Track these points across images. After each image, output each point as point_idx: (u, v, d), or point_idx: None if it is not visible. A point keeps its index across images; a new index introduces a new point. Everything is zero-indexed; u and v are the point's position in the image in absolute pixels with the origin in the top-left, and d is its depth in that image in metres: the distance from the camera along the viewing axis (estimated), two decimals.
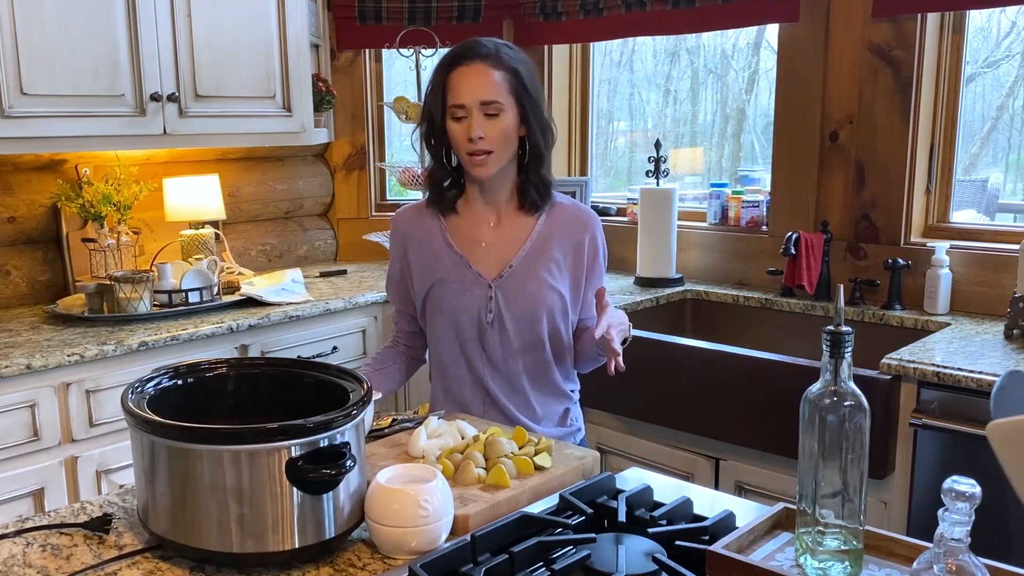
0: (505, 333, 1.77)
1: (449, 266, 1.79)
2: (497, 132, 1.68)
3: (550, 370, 1.82)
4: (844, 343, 1.00)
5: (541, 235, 1.80)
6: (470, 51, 1.69)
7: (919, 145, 2.69)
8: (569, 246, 1.81)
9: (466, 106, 1.67)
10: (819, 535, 1.03)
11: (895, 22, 2.65)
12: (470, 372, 1.80)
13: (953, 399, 2.05)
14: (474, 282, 1.77)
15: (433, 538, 1.15)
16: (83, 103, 2.50)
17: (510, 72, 1.69)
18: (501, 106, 1.67)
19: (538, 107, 1.73)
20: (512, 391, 1.79)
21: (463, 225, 1.82)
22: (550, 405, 1.83)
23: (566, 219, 1.82)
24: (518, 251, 1.78)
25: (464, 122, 1.68)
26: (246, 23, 2.85)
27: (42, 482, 2.24)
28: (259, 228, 3.45)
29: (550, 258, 1.78)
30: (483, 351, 1.78)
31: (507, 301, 1.76)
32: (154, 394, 1.25)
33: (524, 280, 1.76)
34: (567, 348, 1.84)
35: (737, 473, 2.42)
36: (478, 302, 1.76)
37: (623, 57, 3.80)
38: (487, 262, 1.79)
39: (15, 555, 1.17)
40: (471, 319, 1.77)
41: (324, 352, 2.85)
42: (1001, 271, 2.52)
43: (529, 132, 1.73)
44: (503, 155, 1.71)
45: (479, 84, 1.67)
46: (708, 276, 3.16)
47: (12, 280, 2.78)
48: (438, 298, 1.79)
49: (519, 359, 1.78)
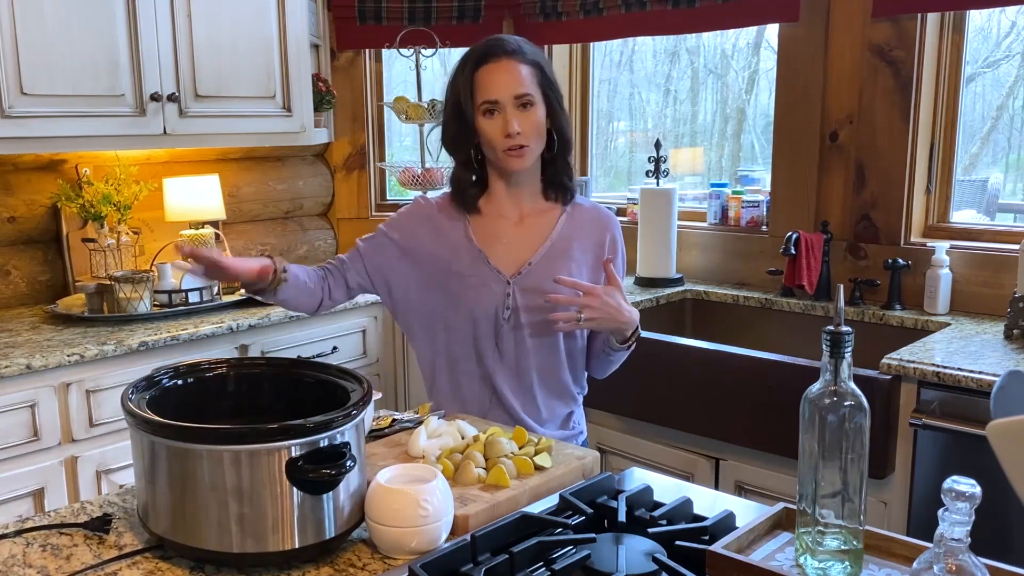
0: (520, 331, 1.76)
1: (467, 261, 1.77)
2: (531, 124, 1.70)
3: (561, 371, 1.81)
4: (844, 343, 1.00)
5: (562, 234, 1.80)
6: (496, 47, 1.71)
7: (919, 145, 2.69)
8: (589, 246, 1.81)
9: (500, 101, 1.68)
10: (819, 535, 1.03)
11: (895, 22, 2.65)
12: (480, 368, 1.79)
13: (953, 399, 2.05)
14: (492, 278, 1.76)
15: (433, 538, 1.14)
16: (83, 103, 2.50)
17: (535, 66, 1.72)
18: (532, 99, 1.69)
19: (561, 98, 1.77)
20: (520, 389, 1.78)
21: (485, 222, 1.81)
22: (556, 407, 1.82)
23: (587, 219, 1.83)
24: (538, 249, 1.78)
25: (497, 117, 1.69)
26: (246, 23, 2.85)
27: (42, 482, 2.24)
28: (259, 228, 3.45)
29: (570, 257, 1.78)
30: (496, 348, 1.77)
31: (525, 299, 1.75)
32: (154, 394, 1.25)
33: (542, 278, 1.75)
34: (580, 350, 1.83)
35: (737, 473, 2.42)
36: (496, 298, 1.75)
37: (623, 57, 3.80)
38: (506, 259, 1.78)
39: (15, 555, 1.17)
40: (488, 315, 1.76)
41: (324, 352, 2.85)
42: (1001, 271, 2.52)
43: (555, 122, 1.75)
44: (537, 147, 1.73)
45: (511, 80, 1.69)
46: (708, 276, 3.17)
47: (12, 280, 2.78)
48: (455, 292, 1.77)
49: (531, 357, 1.77)
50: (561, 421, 1.84)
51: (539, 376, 1.79)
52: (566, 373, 1.82)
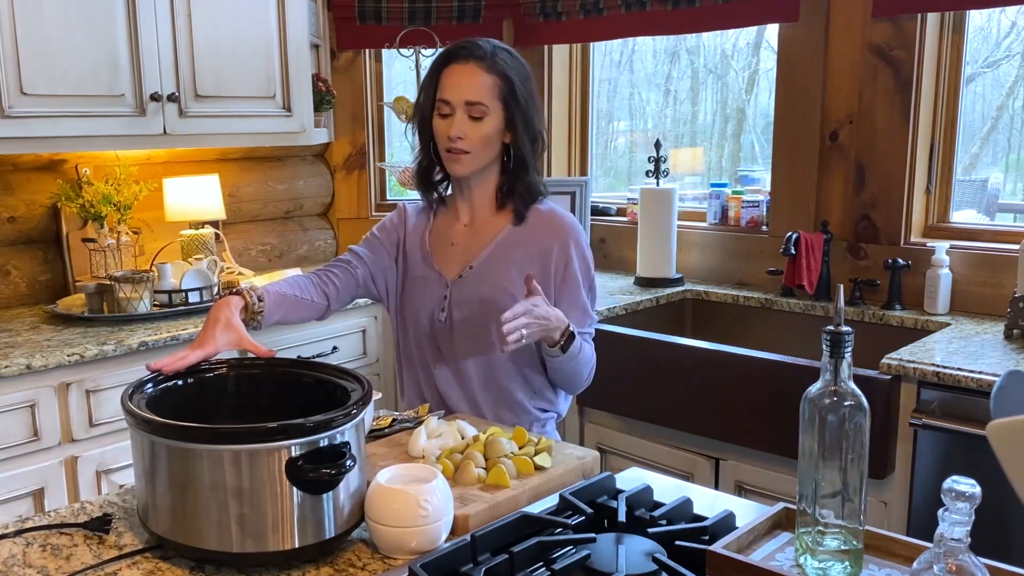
0: (454, 334, 1.76)
1: (419, 263, 1.80)
2: (478, 135, 1.68)
3: (504, 378, 1.76)
4: (844, 343, 1.00)
5: (507, 240, 1.77)
6: (465, 50, 1.70)
7: (919, 145, 2.69)
8: (535, 253, 1.75)
9: (451, 103, 1.68)
10: (819, 535, 1.03)
11: (895, 22, 2.65)
12: (424, 372, 1.82)
13: (953, 399, 2.05)
14: (434, 280, 1.78)
15: (433, 538, 1.15)
16: (83, 103, 2.50)
17: (501, 77, 1.68)
18: (486, 109, 1.67)
19: (527, 115, 1.71)
20: (464, 395, 1.78)
21: (442, 224, 1.83)
22: (505, 418, 1.77)
23: (536, 225, 1.77)
24: (480, 253, 1.77)
25: (448, 119, 1.69)
26: (246, 23, 2.85)
27: (42, 482, 2.24)
28: (259, 228, 3.45)
29: (512, 263, 1.74)
30: (438, 350, 1.79)
31: (459, 303, 1.75)
32: (154, 394, 1.25)
33: (480, 283, 1.75)
34: (530, 359, 1.76)
35: (737, 473, 2.42)
36: (434, 301, 1.77)
37: (623, 57, 3.80)
38: (451, 262, 1.79)
39: (15, 555, 1.17)
40: (427, 317, 1.78)
41: (324, 352, 2.85)
42: (1001, 271, 2.52)
43: (514, 139, 1.72)
44: (481, 157, 1.71)
45: (467, 84, 1.67)
46: (708, 276, 3.17)
47: (12, 280, 2.78)
48: (407, 293, 1.81)
49: (469, 362, 1.76)
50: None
51: (480, 383, 1.77)
52: (512, 381, 1.77)
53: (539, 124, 1.75)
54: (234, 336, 1.47)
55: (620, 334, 2.58)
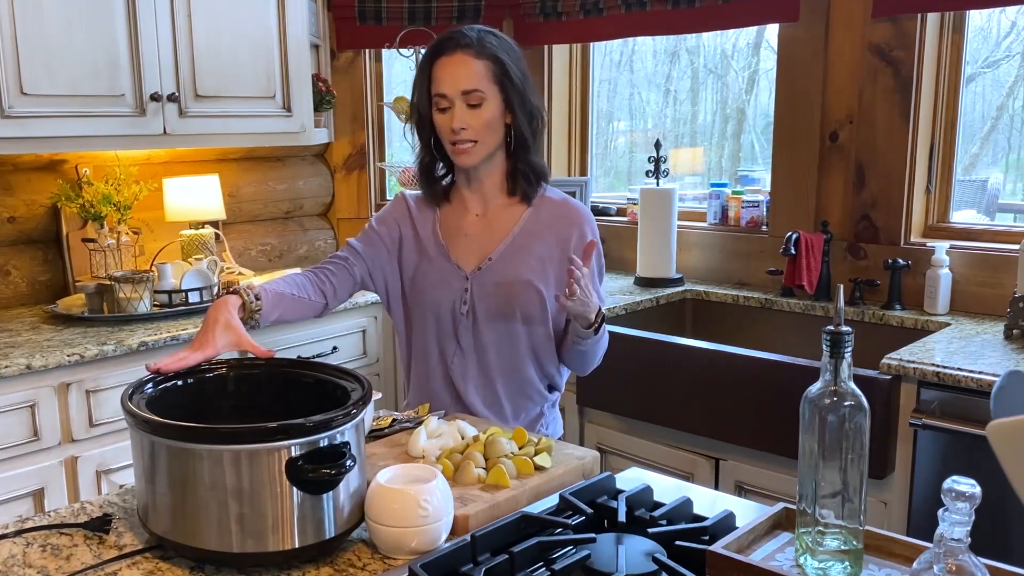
0: (477, 327, 1.76)
1: (432, 256, 1.79)
2: (480, 122, 1.68)
3: (525, 367, 1.79)
4: (844, 343, 1.00)
5: (524, 230, 1.78)
6: (451, 41, 1.70)
7: (919, 145, 2.69)
8: (554, 242, 1.77)
9: (448, 96, 1.68)
10: (819, 535, 1.03)
11: (895, 22, 2.65)
12: (442, 365, 1.80)
13: (953, 399, 2.05)
14: (452, 274, 1.77)
15: (433, 538, 1.15)
16: (83, 103, 2.50)
17: (492, 60, 1.69)
18: (483, 95, 1.67)
19: (523, 93, 1.72)
20: (483, 386, 1.78)
21: (451, 216, 1.82)
22: (522, 405, 1.81)
23: (552, 215, 1.79)
24: (499, 245, 1.77)
25: (448, 112, 1.69)
26: (246, 23, 2.85)
27: (42, 482, 2.24)
28: (259, 228, 3.45)
29: (531, 253, 1.76)
30: (457, 344, 1.78)
31: (481, 295, 1.75)
32: (154, 394, 1.25)
33: (501, 274, 1.75)
34: (546, 345, 1.80)
35: (737, 473, 2.42)
36: (454, 294, 1.76)
37: (623, 57, 3.80)
38: (468, 254, 1.78)
39: (15, 555, 1.17)
40: (447, 311, 1.77)
41: (324, 352, 2.85)
42: (1001, 271, 2.52)
43: (514, 119, 1.72)
44: (488, 144, 1.71)
45: (460, 74, 1.67)
46: (708, 276, 3.16)
47: (12, 280, 2.78)
48: (420, 288, 1.79)
49: (492, 353, 1.77)
50: (529, 421, 1.83)
51: (501, 372, 1.78)
52: (531, 369, 1.80)
53: (536, 100, 1.76)
54: (233, 336, 1.46)
55: (620, 334, 2.58)
